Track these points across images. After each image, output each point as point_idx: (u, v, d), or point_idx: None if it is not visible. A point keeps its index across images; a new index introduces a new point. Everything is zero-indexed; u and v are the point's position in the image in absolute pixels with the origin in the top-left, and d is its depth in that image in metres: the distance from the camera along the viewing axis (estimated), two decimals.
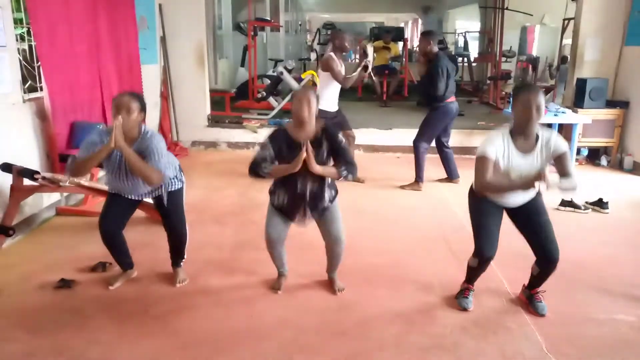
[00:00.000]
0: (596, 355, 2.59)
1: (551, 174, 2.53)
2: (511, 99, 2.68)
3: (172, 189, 3.11)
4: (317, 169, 2.73)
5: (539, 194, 2.79)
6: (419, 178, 5.31)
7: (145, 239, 3.80)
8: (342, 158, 2.84)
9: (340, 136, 2.90)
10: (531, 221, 2.82)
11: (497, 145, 2.68)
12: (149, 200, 3.18)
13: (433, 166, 5.71)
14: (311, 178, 2.84)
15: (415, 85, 10.02)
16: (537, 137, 2.70)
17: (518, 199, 2.79)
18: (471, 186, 2.89)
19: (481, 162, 2.68)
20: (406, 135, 6.05)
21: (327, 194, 2.95)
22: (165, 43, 6.66)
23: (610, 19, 6.35)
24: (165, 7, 6.57)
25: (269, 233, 3.00)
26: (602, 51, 6.48)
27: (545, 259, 2.81)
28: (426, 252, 3.78)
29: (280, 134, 2.87)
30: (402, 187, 5.36)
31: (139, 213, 3.87)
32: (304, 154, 2.68)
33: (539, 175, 2.47)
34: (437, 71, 4.95)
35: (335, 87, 5.04)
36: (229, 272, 3.41)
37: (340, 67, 4.99)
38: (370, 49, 4.95)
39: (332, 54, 5.01)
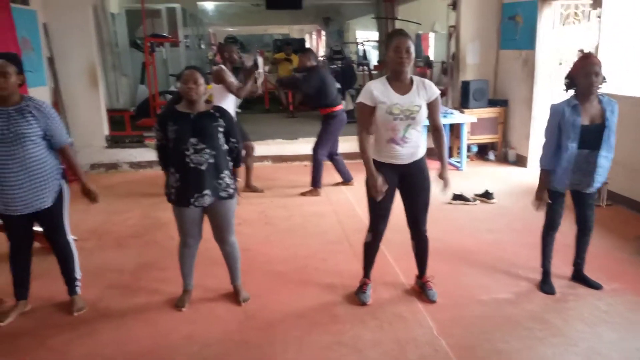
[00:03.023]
0: (480, 332, 2.86)
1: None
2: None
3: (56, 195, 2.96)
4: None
5: (424, 158, 3.04)
6: (316, 184, 5.53)
7: (40, 270, 3.59)
8: (233, 134, 2.99)
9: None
10: (413, 196, 3.08)
11: (375, 89, 2.91)
12: (38, 228, 3.05)
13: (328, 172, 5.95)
14: (205, 144, 2.86)
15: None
16: (412, 80, 2.95)
17: (405, 157, 2.97)
18: (367, 178, 3.05)
19: (358, 108, 2.96)
20: (312, 144, 6.22)
21: (225, 176, 2.95)
22: (53, 64, 6.36)
23: (485, 26, 6.95)
24: (50, 26, 6.28)
25: (185, 241, 3.05)
26: (481, 55, 7.07)
27: (414, 229, 3.15)
28: (330, 255, 3.93)
29: (166, 113, 2.99)
30: (303, 193, 5.53)
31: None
32: None
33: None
34: (305, 79, 5.42)
35: (230, 99, 5.09)
36: (132, 294, 3.35)
37: (232, 78, 5.05)
38: (260, 60, 5.08)
39: (222, 66, 5.07)
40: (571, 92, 3.09)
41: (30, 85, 5.68)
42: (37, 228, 3.12)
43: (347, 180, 5.83)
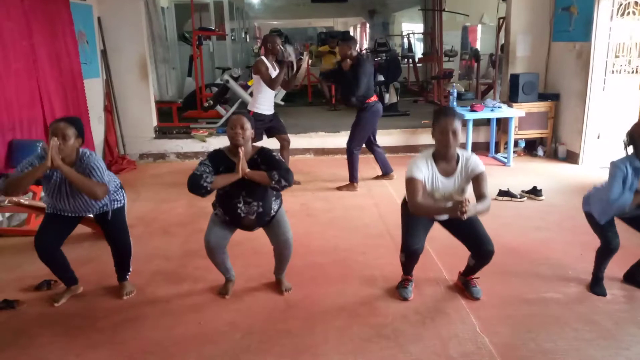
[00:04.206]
0: (526, 331, 2.78)
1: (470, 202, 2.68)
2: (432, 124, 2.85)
3: (115, 207, 3.14)
4: (247, 171, 2.79)
5: None
6: (353, 179, 5.45)
7: (91, 254, 3.78)
8: (275, 167, 2.88)
9: (275, 153, 2.99)
10: (460, 227, 2.99)
11: (423, 169, 2.84)
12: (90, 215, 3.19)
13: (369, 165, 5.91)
14: (253, 198, 2.92)
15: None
16: (458, 158, 2.87)
17: (444, 216, 2.97)
18: (404, 199, 3.04)
19: (411, 184, 2.83)
20: None
21: (274, 208, 3.05)
22: (106, 56, 6.59)
23: (537, 17, 6.71)
24: (104, 20, 6.51)
25: (208, 240, 3.03)
26: (532, 47, 6.83)
27: (481, 254, 3.00)
28: (371, 248, 3.92)
29: (219, 155, 2.95)
30: (339, 188, 5.49)
31: (84, 229, 3.87)
32: (241, 159, 2.77)
33: (461, 203, 2.61)
34: (363, 71, 5.13)
35: (270, 91, 5.11)
36: (177, 281, 3.44)
37: (272, 70, 5.05)
38: (290, 49, 5.06)
39: (263, 57, 5.08)
40: (630, 149, 2.91)
41: (86, 76, 5.93)
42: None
43: (386, 172, 5.76)
